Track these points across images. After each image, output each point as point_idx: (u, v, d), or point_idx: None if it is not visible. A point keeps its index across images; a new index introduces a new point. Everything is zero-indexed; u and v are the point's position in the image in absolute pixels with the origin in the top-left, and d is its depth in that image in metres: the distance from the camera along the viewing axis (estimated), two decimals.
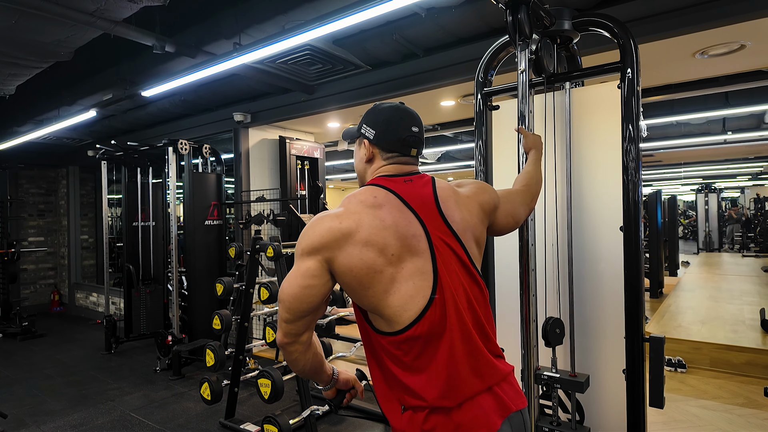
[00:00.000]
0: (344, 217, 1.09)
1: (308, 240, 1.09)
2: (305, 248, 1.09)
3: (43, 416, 3.63)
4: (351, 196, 1.16)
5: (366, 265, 1.05)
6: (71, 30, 2.93)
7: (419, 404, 1.05)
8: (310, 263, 1.08)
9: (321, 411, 3.02)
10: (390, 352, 1.09)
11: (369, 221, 1.08)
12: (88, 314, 7.45)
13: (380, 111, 1.25)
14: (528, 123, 1.83)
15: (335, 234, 1.07)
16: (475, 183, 1.35)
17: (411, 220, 1.12)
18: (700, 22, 2.63)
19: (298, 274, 1.09)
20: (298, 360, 1.16)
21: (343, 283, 1.10)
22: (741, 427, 3.04)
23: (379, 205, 1.11)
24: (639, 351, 1.78)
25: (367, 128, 1.25)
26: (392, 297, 1.06)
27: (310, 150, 5.49)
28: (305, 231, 1.12)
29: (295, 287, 1.08)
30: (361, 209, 1.10)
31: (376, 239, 1.06)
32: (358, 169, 1.30)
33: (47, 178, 8.10)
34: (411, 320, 1.06)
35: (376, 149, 1.24)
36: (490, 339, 1.15)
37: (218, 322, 3.36)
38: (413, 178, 1.21)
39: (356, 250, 1.05)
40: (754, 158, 10.01)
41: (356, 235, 1.06)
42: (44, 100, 5.11)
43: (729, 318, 5.02)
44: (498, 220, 1.36)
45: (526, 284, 1.81)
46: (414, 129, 1.23)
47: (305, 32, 2.70)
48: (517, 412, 1.13)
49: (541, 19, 1.76)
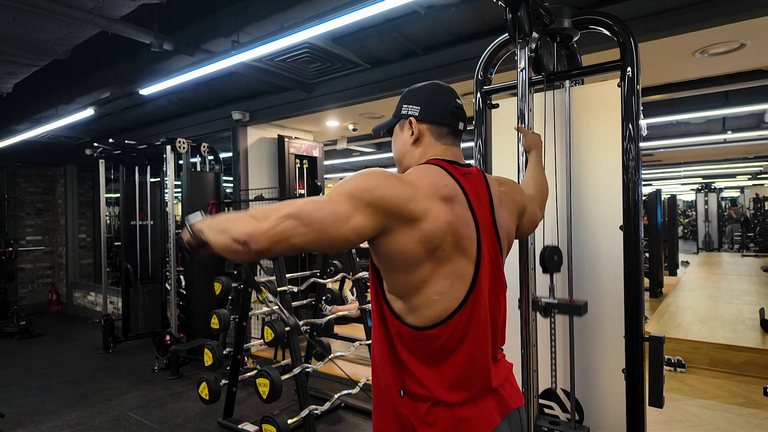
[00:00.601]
0: (420, 199, 0.99)
1: (381, 194, 0.95)
2: (373, 201, 0.95)
3: (40, 416, 3.62)
4: (421, 171, 1.07)
5: (417, 254, 0.99)
6: (69, 27, 2.91)
7: (423, 394, 1.03)
8: (368, 221, 0.94)
9: (320, 411, 3.01)
10: (406, 342, 1.05)
11: (436, 214, 1.00)
12: (86, 313, 7.43)
13: (421, 88, 1.18)
14: (528, 122, 1.82)
15: (408, 211, 0.97)
16: (511, 183, 1.32)
17: (469, 221, 1.06)
18: (700, 20, 2.62)
19: (350, 226, 0.93)
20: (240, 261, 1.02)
21: (385, 256, 1.01)
22: (740, 427, 3.03)
23: (449, 199, 1.04)
24: (638, 350, 1.78)
25: (409, 107, 1.16)
26: (427, 288, 1.02)
27: (309, 149, 5.48)
28: (377, 179, 0.97)
29: (337, 237, 0.93)
30: (433, 197, 1.01)
31: (435, 235, 0.99)
32: (401, 153, 1.20)
33: (45, 177, 8.08)
34: (437, 319, 1.02)
35: (423, 126, 1.15)
36: (496, 345, 1.15)
37: (216, 322, 3.34)
38: (471, 171, 1.15)
39: (414, 238, 0.98)
40: (754, 158, 10.02)
41: (421, 224, 0.98)
42: (42, 99, 5.09)
43: (728, 317, 5.02)
44: (523, 224, 1.34)
45: (526, 283, 1.80)
46: (458, 101, 1.17)
47: (304, 30, 2.69)
48: (516, 410, 1.13)
49: (541, 17, 1.75)
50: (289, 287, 3.17)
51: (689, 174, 13.37)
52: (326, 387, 3.90)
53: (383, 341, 1.09)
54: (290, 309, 3.16)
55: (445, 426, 1.02)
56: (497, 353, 1.16)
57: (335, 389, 3.58)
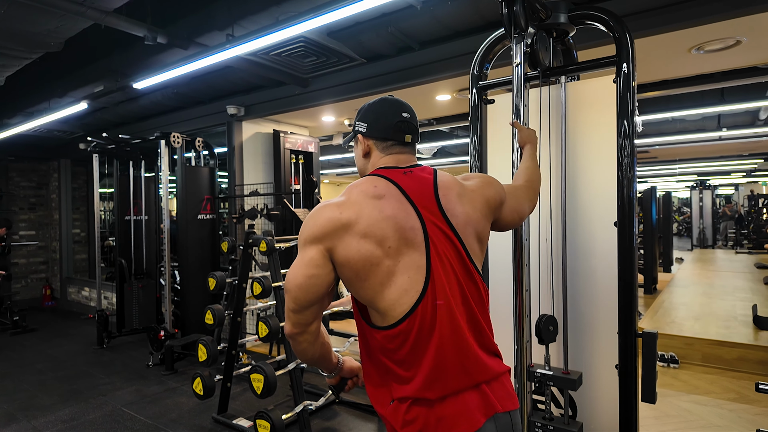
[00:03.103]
0: (345, 207, 1.08)
1: (310, 229, 1.09)
2: (307, 238, 1.09)
3: (33, 411, 3.60)
4: (352, 185, 1.15)
5: (363, 257, 1.04)
6: (61, 20, 2.88)
7: (404, 395, 1.06)
8: (312, 253, 1.08)
9: (314, 406, 3.01)
10: (384, 347, 1.08)
11: (369, 212, 1.07)
12: (80, 309, 7.40)
13: (369, 105, 1.25)
14: (523, 117, 1.81)
15: (335, 224, 1.06)
16: (481, 177, 1.33)
17: (409, 212, 1.11)
18: (696, 17, 2.62)
19: (302, 264, 1.08)
20: (307, 350, 1.17)
21: (341, 274, 1.09)
22: (732, 422, 3.05)
23: (380, 196, 1.10)
24: (632, 346, 1.78)
25: (359, 124, 1.25)
26: (388, 290, 1.05)
27: (305, 144, 5.46)
28: (307, 220, 1.12)
29: (299, 277, 1.08)
30: (362, 199, 1.09)
31: (374, 231, 1.06)
32: (358, 166, 1.30)
33: (38, 171, 8.02)
34: (403, 314, 1.05)
35: (370, 141, 1.23)
36: (484, 336, 1.14)
37: (211, 317, 3.33)
38: (413, 170, 1.19)
39: (354, 242, 1.05)
40: (749, 155, 10.07)
41: (356, 226, 1.06)
42: (34, 92, 5.05)
43: (722, 314, 5.05)
44: (504, 216, 1.35)
45: (520, 279, 1.80)
46: (404, 114, 1.22)
47: (299, 24, 2.67)
48: (505, 414, 1.10)
49: (537, 12, 1.75)
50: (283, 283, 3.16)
51: (684, 171, 13.44)
52: (321, 382, 3.90)
53: (368, 361, 1.16)
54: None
55: (425, 423, 1.03)
56: (490, 344, 1.15)
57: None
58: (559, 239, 2.04)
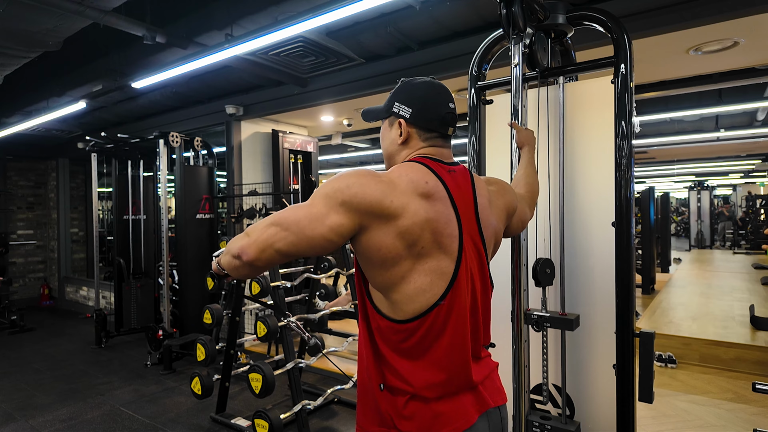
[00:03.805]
0: (396, 195, 1.00)
1: (354, 193, 0.97)
2: (345, 200, 0.97)
3: (31, 410, 3.60)
4: (402, 169, 1.07)
5: (393, 253, 1.00)
6: (60, 19, 2.88)
7: (402, 388, 1.04)
8: (343, 219, 0.97)
9: (312, 406, 3.01)
10: (386, 335, 1.06)
11: (414, 211, 1.00)
12: (78, 308, 7.39)
13: (415, 87, 1.15)
14: (521, 118, 1.82)
15: (381, 208, 0.98)
16: (502, 184, 1.32)
17: (451, 218, 1.06)
18: (694, 18, 2.63)
19: (326, 226, 0.97)
20: (242, 276, 1.08)
21: (363, 253, 1.03)
22: (729, 422, 3.07)
23: (429, 195, 1.04)
24: (629, 346, 1.79)
25: (401, 106, 1.14)
26: (407, 285, 1.02)
27: (303, 144, 5.46)
28: (351, 179, 0.99)
29: (317, 238, 0.97)
30: (411, 194, 1.02)
31: (412, 232, 1.00)
32: (389, 151, 1.19)
33: (36, 171, 8.01)
34: (416, 313, 1.03)
35: (413, 129, 1.14)
36: (479, 342, 1.15)
37: (209, 317, 3.33)
38: (456, 169, 1.14)
39: (390, 237, 0.99)
40: (746, 156, 10.10)
41: (397, 221, 0.99)
42: (33, 91, 5.04)
43: (719, 314, 5.07)
44: (512, 224, 1.34)
45: (518, 279, 1.81)
46: (451, 105, 1.15)
47: (298, 23, 2.67)
48: (495, 409, 1.12)
49: (535, 13, 1.75)
50: (282, 282, 3.17)
51: (682, 171, 13.46)
52: (319, 382, 3.90)
53: (365, 336, 1.11)
54: (284, 304, 3.15)
55: (422, 420, 1.03)
56: (480, 351, 1.15)
57: (328, 384, 3.59)
58: (557, 239, 2.04)
